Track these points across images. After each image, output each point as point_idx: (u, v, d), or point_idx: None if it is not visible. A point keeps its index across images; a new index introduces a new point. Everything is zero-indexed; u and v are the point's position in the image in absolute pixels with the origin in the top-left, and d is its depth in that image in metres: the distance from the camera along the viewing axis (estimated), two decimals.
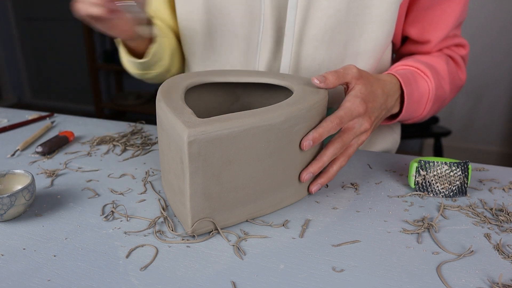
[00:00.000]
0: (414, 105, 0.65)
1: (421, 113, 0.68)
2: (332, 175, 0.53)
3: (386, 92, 0.58)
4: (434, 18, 0.69)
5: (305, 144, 0.47)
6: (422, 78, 0.66)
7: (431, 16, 0.69)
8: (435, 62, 0.70)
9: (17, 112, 0.89)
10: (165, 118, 0.44)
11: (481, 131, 2.45)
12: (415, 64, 0.67)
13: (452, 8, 0.68)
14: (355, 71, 0.54)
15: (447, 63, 0.72)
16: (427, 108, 0.68)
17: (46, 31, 3.34)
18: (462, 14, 0.70)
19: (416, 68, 0.67)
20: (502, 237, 0.46)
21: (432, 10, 0.68)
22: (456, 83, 0.75)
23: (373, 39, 0.65)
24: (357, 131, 0.52)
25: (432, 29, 0.70)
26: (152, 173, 0.60)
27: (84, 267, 0.40)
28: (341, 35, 0.63)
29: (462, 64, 0.77)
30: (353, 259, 0.42)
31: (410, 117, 0.68)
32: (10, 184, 0.51)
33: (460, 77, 0.76)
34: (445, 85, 0.70)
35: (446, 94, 0.72)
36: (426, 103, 0.67)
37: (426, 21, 0.69)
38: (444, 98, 0.72)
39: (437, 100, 0.70)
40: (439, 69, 0.69)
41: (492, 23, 2.23)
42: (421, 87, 0.65)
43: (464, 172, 0.54)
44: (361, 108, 0.51)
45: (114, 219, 0.48)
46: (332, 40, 0.63)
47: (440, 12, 0.68)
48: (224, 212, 0.45)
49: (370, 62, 0.67)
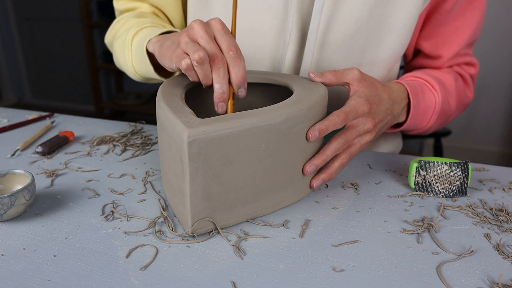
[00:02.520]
0: (419, 116, 0.66)
1: (425, 125, 0.69)
2: (333, 171, 0.53)
3: (393, 98, 0.59)
4: (448, 35, 0.70)
5: (312, 135, 0.47)
6: (430, 90, 0.67)
7: (445, 33, 0.70)
8: (444, 78, 0.71)
9: (17, 112, 0.89)
10: (165, 118, 0.44)
11: (481, 131, 2.45)
12: (424, 77, 0.68)
13: (466, 26, 0.69)
14: (356, 73, 0.54)
15: (455, 80, 0.73)
16: (431, 121, 0.69)
17: (46, 31, 3.34)
18: (476, 33, 0.72)
19: (424, 80, 0.68)
20: (502, 237, 0.46)
21: (446, 27, 0.70)
22: (462, 101, 0.77)
23: (390, 48, 0.66)
24: (360, 130, 0.53)
25: (444, 45, 0.71)
26: (152, 173, 0.60)
27: (84, 267, 0.40)
28: (360, 42, 0.64)
29: (471, 82, 0.78)
30: (353, 259, 0.42)
31: (415, 128, 0.69)
32: (10, 184, 0.51)
33: (467, 95, 0.78)
34: (452, 101, 0.71)
35: (452, 110, 0.73)
36: (431, 115, 0.68)
37: (440, 37, 0.71)
38: (449, 114, 0.73)
39: (442, 115, 0.71)
40: (447, 85, 0.71)
41: (494, 25, 2.23)
42: (427, 99, 0.66)
43: (464, 172, 0.54)
44: (365, 107, 0.52)
45: (114, 219, 0.48)
46: (351, 46, 0.64)
47: (455, 29, 0.70)
48: (224, 212, 0.45)
49: (383, 71, 0.69)
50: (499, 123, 2.40)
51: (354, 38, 0.63)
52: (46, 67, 3.50)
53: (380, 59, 0.66)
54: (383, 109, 0.56)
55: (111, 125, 0.82)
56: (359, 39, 0.63)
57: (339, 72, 0.54)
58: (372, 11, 0.61)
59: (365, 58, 0.66)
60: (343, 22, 0.62)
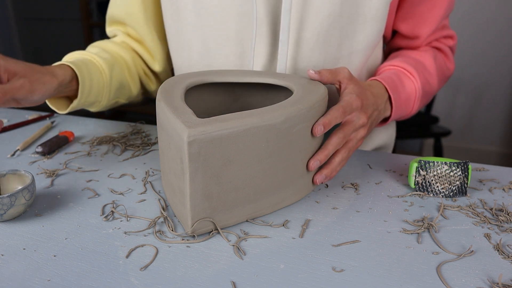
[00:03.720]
0: (402, 105, 0.68)
1: (410, 111, 0.72)
2: (334, 166, 0.54)
3: (375, 94, 0.61)
4: (424, 14, 0.71)
5: (317, 129, 0.49)
6: (408, 78, 0.69)
7: (420, 12, 0.71)
8: (423, 58, 0.73)
9: (17, 112, 0.89)
10: (165, 118, 0.44)
11: (481, 131, 2.45)
12: (401, 64, 0.70)
13: (440, 2, 0.70)
14: (347, 71, 0.57)
15: (434, 58, 0.75)
16: (415, 106, 0.72)
17: (46, 31, 3.34)
18: (450, 6, 0.73)
19: (402, 68, 0.70)
20: (502, 237, 0.46)
21: (422, 6, 0.71)
22: (444, 74, 0.79)
23: (366, 38, 0.66)
24: (356, 124, 0.54)
25: (422, 24, 0.72)
26: (152, 173, 0.60)
27: (84, 267, 0.40)
28: (335, 36, 0.64)
29: (451, 54, 0.81)
30: (353, 259, 0.42)
31: (400, 116, 0.72)
32: (10, 184, 0.51)
33: (448, 67, 0.80)
34: (433, 80, 0.74)
35: (434, 88, 0.76)
36: (414, 102, 0.71)
37: (416, 17, 0.72)
38: (432, 93, 0.76)
39: (425, 96, 0.74)
40: (427, 65, 0.73)
41: (492, 23, 2.23)
42: (408, 88, 0.69)
43: (464, 172, 0.54)
44: (358, 102, 0.54)
45: (114, 219, 0.48)
46: (326, 42, 0.64)
47: (430, 7, 0.71)
48: (224, 212, 0.45)
49: (362, 60, 0.69)
50: (499, 123, 2.40)
51: (328, 34, 0.63)
52: None
53: (357, 50, 0.67)
54: (370, 104, 0.58)
55: (111, 125, 0.82)
56: (334, 34, 0.63)
57: (333, 70, 0.57)
58: (343, 4, 0.61)
59: (343, 51, 0.66)
60: (315, 19, 0.62)
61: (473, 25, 2.24)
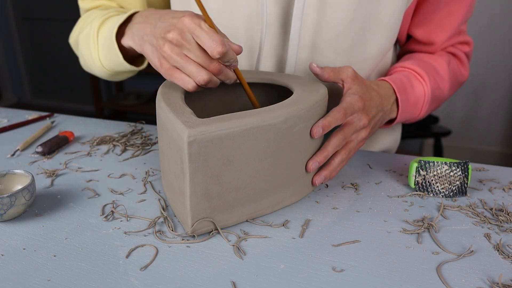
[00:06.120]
0: (410, 109, 0.67)
1: (417, 115, 0.70)
2: (334, 167, 0.53)
3: (381, 95, 0.60)
4: (440, 21, 0.69)
5: (316, 131, 0.48)
6: (418, 81, 0.67)
7: (437, 19, 0.69)
8: (436, 62, 0.71)
9: (17, 112, 0.89)
10: (165, 118, 0.44)
11: (481, 131, 2.45)
12: (412, 67, 0.68)
13: (459, 9, 0.68)
14: (351, 70, 0.56)
15: (448, 63, 0.72)
16: (423, 110, 0.70)
17: (46, 31, 3.34)
18: (469, 12, 0.70)
19: (412, 71, 0.68)
20: (502, 237, 0.46)
21: (439, 13, 0.68)
22: (458, 80, 0.76)
23: (377, 45, 0.65)
24: (357, 126, 0.54)
25: (437, 31, 0.70)
26: (152, 173, 0.60)
27: (84, 267, 0.40)
28: (347, 42, 0.63)
29: (466, 60, 0.78)
30: (353, 259, 0.42)
31: (407, 120, 0.70)
32: (10, 184, 0.51)
33: (462, 74, 0.78)
34: (444, 85, 0.71)
35: (445, 94, 0.73)
36: (422, 105, 0.69)
37: (432, 24, 0.70)
38: (442, 98, 0.74)
39: (434, 101, 0.71)
40: (439, 69, 0.70)
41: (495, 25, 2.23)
42: (417, 90, 0.67)
43: (464, 172, 0.54)
44: (360, 103, 0.53)
45: (114, 219, 0.48)
46: (337, 48, 0.63)
47: (447, 14, 0.68)
48: (224, 212, 0.45)
49: (372, 66, 0.69)
50: (499, 123, 2.40)
51: (340, 39, 0.62)
52: (46, 67, 3.50)
53: (368, 57, 0.66)
54: (374, 105, 0.57)
55: (111, 125, 0.82)
56: (346, 40, 0.63)
57: (336, 69, 0.56)
58: (356, 10, 0.60)
59: (353, 58, 0.65)
60: (327, 25, 0.61)
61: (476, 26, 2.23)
